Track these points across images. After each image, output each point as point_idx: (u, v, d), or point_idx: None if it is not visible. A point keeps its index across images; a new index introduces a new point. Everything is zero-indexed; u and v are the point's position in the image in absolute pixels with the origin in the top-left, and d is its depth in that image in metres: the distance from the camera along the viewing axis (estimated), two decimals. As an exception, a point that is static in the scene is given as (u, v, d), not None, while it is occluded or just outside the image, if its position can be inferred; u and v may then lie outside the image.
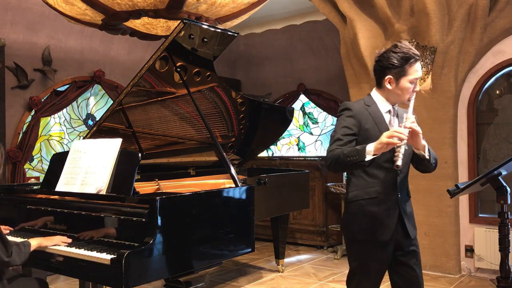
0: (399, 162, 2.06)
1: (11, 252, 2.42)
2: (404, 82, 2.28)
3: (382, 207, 2.30)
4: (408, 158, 2.37)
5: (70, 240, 2.70)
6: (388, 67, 2.29)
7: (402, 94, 2.31)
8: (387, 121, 2.35)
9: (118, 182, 2.78)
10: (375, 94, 2.40)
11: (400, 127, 2.15)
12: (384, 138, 2.08)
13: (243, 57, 7.76)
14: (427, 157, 2.30)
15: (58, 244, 2.65)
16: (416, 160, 2.37)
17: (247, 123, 4.49)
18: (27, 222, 3.05)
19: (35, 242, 2.60)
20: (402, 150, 2.07)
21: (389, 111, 2.38)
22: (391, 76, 2.30)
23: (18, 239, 2.75)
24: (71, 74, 5.71)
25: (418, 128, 2.19)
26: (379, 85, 2.37)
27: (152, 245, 2.44)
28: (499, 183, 2.39)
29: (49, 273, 3.72)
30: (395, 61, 2.27)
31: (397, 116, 2.40)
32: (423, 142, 2.27)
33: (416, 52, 2.30)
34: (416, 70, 2.29)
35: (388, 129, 2.27)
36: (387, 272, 2.45)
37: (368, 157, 2.10)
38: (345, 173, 2.55)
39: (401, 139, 2.06)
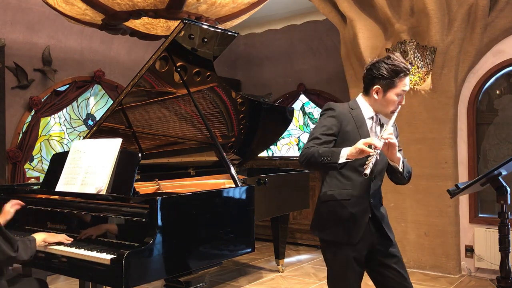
0: (367, 171, 2.05)
1: (17, 247, 2.39)
2: (391, 94, 2.29)
3: (353, 210, 2.31)
4: (384, 167, 2.39)
5: (72, 240, 2.71)
6: (377, 77, 2.30)
7: (387, 105, 2.32)
8: (368, 127, 2.36)
9: (118, 182, 2.78)
10: (361, 99, 2.42)
11: (377, 138, 2.16)
12: (359, 144, 2.08)
13: (243, 57, 7.76)
14: (400, 170, 2.33)
15: (62, 242, 2.66)
16: (390, 171, 2.40)
17: (247, 123, 4.49)
18: (27, 222, 3.05)
19: (40, 237, 2.60)
20: (373, 160, 2.07)
21: (372, 118, 2.39)
22: (379, 87, 2.31)
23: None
24: (71, 74, 5.71)
25: (394, 141, 2.21)
26: (366, 92, 2.39)
27: (152, 245, 2.44)
28: (499, 183, 2.39)
29: (49, 273, 3.72)
30: (385, 73, 2.28)
31: (380, 125, 2.41)
32: (399, 154, 2.30)
33: (408, 66, 2.31)
34: (405, 84, 2.30)
35: (368, 134, 2.31)
36: (371, 276, 2.46)
37: (341, 160, 2.11)
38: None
39: (375, 148, 2.07)
